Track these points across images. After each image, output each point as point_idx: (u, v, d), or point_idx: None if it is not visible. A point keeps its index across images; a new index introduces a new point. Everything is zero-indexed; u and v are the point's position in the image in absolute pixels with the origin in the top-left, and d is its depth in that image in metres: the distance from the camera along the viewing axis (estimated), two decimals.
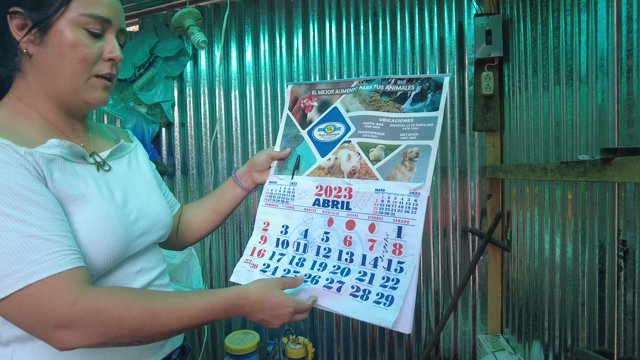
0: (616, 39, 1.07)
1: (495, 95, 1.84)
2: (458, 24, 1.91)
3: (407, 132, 0.88)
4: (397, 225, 0.81)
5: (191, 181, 2.22)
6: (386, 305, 0.75)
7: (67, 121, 0.74)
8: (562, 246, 1.34)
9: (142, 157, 0.89)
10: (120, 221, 0.70)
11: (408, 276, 0.76)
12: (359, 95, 0.96)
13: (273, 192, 0.99)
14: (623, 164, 0.85)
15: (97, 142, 0.81)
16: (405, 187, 0.83)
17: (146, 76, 2.07)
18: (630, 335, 1.03)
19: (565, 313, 1.33)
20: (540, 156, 1.47)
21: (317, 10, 2.07)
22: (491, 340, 1.85)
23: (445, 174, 1.95)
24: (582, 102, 1.22)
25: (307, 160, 0.97)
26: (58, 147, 0.66)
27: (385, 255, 0.80)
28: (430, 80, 0.89)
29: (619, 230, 1.06)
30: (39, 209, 0.58)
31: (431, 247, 1.98)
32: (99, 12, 0.68)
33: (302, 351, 1.78)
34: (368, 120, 0.92)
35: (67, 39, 0.66)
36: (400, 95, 0.91)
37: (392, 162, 0.87)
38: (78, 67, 0.68)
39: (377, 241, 0.82)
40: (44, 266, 0.55)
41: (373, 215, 0.84)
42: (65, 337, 0.56)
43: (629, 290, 1.03)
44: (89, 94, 0.71)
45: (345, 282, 0.81)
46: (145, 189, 0.82)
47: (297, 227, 0.93)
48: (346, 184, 0.90)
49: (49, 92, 0.70)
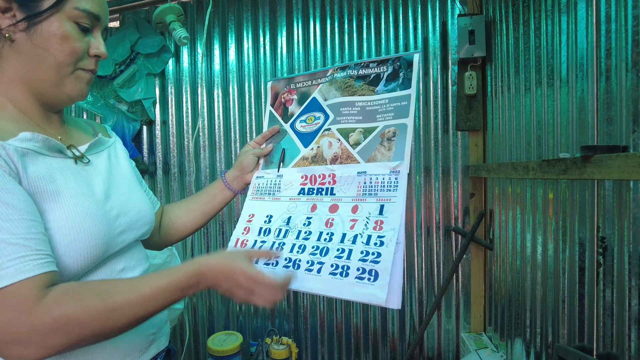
0: (595, 39, 1.09)
1: (478, 95, 1.85)
2: (442, 24, 1.92)
3: (383, 113, 0.89)
4: (379, 204, 0.82)
5: (173, 180, 2.18)
6: (371, 280, 0.73)
7: (43, 113, 0.71)
8: (544, 244, 1.35)
9: (122, 153, 0.87)
10: (101, 218, 0.67)
11: (390, 250, 0.75)
12: (335, 82, 0.98)
13: (260, 186, 1.00)
14: (602, 161, 0.86)
15: (74, 135, 0.78)
16: (386, 166, 0.84)
17: (127, 73, 2.03)
18: (609, 331, 1.04)
19: (546, 310, 1.34)
20: (523, 155, 1.49)
21: (302, 8, 2.06)
22: (474, 338, 1.86)
23: (429, 173, 1.96)
24: (562, 101, 1.23)
25: (292, 152, 0.99)
26: (30, 141, 0.63)
27: (366, 232, 0.80)
28: (401, 59, 0.91)
29: (598, 228, 1.08)
30: (6, 208, 0.54)
31: (415, 246, 1.99)
32: (90, 8, 0.68)
33: (285, 351, 1.76)
34: (345, 106, 0.94)
35: (59, 30, 0.65)
36: (373, 78, 0.93)
37: (371, 144, 0.88)
38: (66, 59, 0.67)
39: (358, 220, 0.82)
40: (4, 273, 0.51)
41: (357, 198, 0.85)
42: (21, 353, 0.52)
43: (608, 287, 1.05)
44: (72, 87, 0.70)
45: (325, 262, 0.80)
46: (126, 185, 0.80)
47: (281, 216, 0.93)
48: (329, 171, 0.92)
49: (29, 81, 0.67)
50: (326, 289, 0.76)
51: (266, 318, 2.17)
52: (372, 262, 0.75)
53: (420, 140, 1.96)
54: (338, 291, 0.75)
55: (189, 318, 2.20)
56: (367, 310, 2.06)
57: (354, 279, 0.74)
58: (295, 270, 0.80)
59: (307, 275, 0.79)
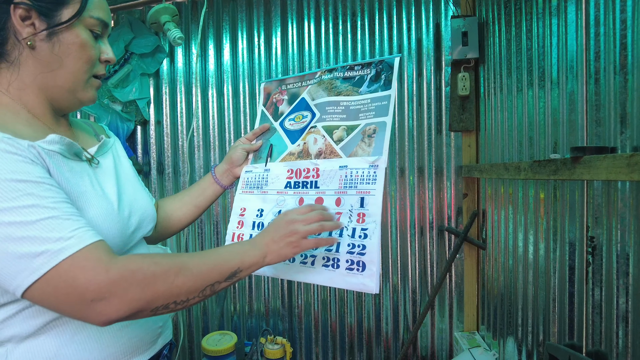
0: (585, 42, 1.10)
1: (471, 96, 1.87)
2: (435, 26, 1.94)
3: (365, 112, 0.95)
4: (360, 197, 0.88)
5: (167, 180, 2.18)
6: (359, 271, 0.82)
7: (53, 116, 0.73)
8: (535, 244, 1.37)
9: (122, 152, 0.89)
10: (118, 218, 0.70)
11: (374, 242, 0.82)
12: (323, 83, 1.04)
13: (249, 180, 1.05)
14: (591, 162, 0.88)
15: (80, 137, 0.80)
16: (365, 161, 0.90)
17: (121, 73, 2.03)
18: (598, 328, 1.06)
19: (537, 309, 1.36)
20: (515, 156, 1.50)
21: (296, 9, 2.06)
22: (467, 337, 1.88)
23: (422, 174, 1.98)
24: (553, 102, 1.25)
25: (279, 148, 1.04)
26: (58, 144, 0.65)
27: (350, 224, 0.86)
28: (383, 62, 0.98)
29: (588, 227, 1.10)
30: (52, 192, 0.58)
31: (408, 246, 2.00)
32: (102, 16, 0.72)
33: (280, 351, 1.76)
34: (331, 105, 1.00)
35: (78, 38, 0.68)
36: (358, 80, 0.99)
37: (353, 140, 0.94)
38: (84, 66, 0.70)
39: (343, 213, 0.88)
40: (70, 242, 0.55)
41: (339, 190, 0.91)
42: (104, 310, 0.56)
43: (597, 285, 1.07)
44: (85, 93, 0.73)
45: (317, 255, 0.88)
46: (131, 184, 0.82)
47: (272, 210, 0.98)
48: (314, 165, 0.97)
49: (45, 86, 0.69)
50: (320, 279, 0.86)
51: (260, 318, 2.18)
52: (358, 254, 0.83)
53: (413, 141, 1.97)
54: (330, 280, 0.84)
55: (183, 318, 2.20)
56: (362, 309, 2.07)
57: (344, 270, 0.83)
58: (292, 264, 0.89)
59: (303, 268, 0.88)
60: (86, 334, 0.67)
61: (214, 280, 0.66)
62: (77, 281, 0.54)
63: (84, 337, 0.67)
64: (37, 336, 0.63)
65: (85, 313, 0.56)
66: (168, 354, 0.85)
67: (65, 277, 0.54)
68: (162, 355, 0.83)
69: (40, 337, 0.64)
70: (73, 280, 0.54)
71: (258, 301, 2.18)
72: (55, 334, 0.64)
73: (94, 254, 0.56)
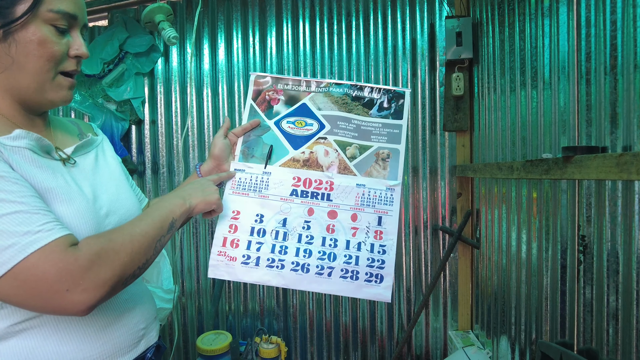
0: (576, 43, 1.11)
1: (465, 96, 1.88)
2: (429, 26, 1.95)
3: (377, 135, 1.01)
4: (377, 216, 0.95)
5: (162, 180, 2.18)
6: (377, 282, 0.91)
7: (26, 117, 0.71)
8: (528, 243, 1.38)
9: (109, 151, 0.87)
10: (91, 216, 0.68)
11: (391, 256, 0.92)
12: (330, 96, 1.04)
13: (242, 181, 0.98)
14: (582, 161, 0.89)
15: (59, 137, 0.78)
16: (383, 183, 0.97)
17: (115, 72, 2.02)
18: (589, 326, 1.07)
19: (530, 308, 1.37)
20: (508, 155, 1.52)
21: (291, 9, 2.07)
22: (461, 336, 1.89)
23: (417, 173, 1.98)
24: (545, 102, 1.26)
25: (279, 151, 1.01)
26: (25, 139, 0.63)
27: (368, 240, 0.94)
28: (393, 92, 1.03)
29: (579, 226, 1.11)
30: (18, 187, 0.57)
31: (402, 245, 2.01)
32: (66, 8, 0.67)
33: (275, 350, 1.77)
34: (342, 120, 1.02)
35: (35, 36, 0.64)
36: (368, 102, 1.04)
37: (366, 160, 0.99)
38: (45, 64, 0.66)
39: (359, 229, 0.95)
40: (38, 236, 0.55)
41: (355, 207, 0.96)
42: (82, 297, 0.57)
43: (588, 284, 1.08)
44: (55, 93, 0.70)
45: (335, 267, 0.92)
46: (114, 184, 0.81)
47: (274, 216, 0.96)
48: (327, 177, 0.98)
49: (10, 89, 0.67)
50: (336, 289, 0.91)
51: (255, 317, 2.18)
52: (378, 267, 0.92)
53: (408, 140, 1.98)
54: (346, 290, 0.91)
55: (178, 318, 2.19)
56: (356, 309, 2.08)
57: (363, 281, 0.91)
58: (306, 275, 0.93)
59: (319, 278, 0.92)
60: (60, 336, 0.65)
61: (160, 235, 0.71)
62: (48, 274, 0.54)
63: (58, 339, 0.65)
64: (8, 339, 0.62)
65: (62, 304, 0.56)
66: (152, 357, 0.83)
67: (34, 271, 0.54)
68: (146, 358, 0.81)
69: (11, 340, 0.62)
70: (43, 273, 0.54)
71: (253, 301, 2.18)
72: (26, 336, 0.63)
73: (60, 247, 0.56)
